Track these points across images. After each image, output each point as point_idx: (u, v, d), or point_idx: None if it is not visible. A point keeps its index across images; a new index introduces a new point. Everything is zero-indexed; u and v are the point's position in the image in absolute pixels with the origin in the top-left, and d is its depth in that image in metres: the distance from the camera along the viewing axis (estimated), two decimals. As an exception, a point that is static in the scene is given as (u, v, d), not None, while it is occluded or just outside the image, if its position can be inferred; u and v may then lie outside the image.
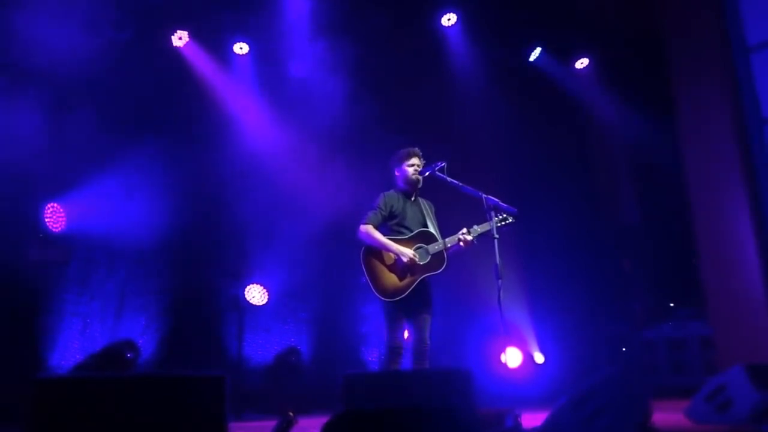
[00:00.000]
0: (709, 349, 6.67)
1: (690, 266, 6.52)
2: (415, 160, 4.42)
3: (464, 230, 4.24)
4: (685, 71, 6.21)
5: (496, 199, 4.14)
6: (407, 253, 4.15)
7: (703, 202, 5.97)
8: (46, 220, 6.16)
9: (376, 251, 4.23)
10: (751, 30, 5.69)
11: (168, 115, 6.72)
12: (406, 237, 4.28)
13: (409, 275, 4.16)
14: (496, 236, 4.08)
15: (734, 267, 5.62)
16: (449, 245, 4.24)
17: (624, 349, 7.88)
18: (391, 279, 4.16)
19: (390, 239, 4.25)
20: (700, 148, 6.02)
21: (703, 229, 5.96)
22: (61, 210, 6.26)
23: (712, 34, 5.93)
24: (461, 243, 4.22)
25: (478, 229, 4.24)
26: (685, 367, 7.08)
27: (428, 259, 4.20)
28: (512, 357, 7.33)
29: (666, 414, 4.31)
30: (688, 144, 6.14)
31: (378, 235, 4.23)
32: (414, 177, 4.39)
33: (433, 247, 4.23)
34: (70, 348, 6.17)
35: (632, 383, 2.82)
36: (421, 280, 4.18)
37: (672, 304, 7.73)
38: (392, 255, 4.19)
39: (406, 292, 4.12)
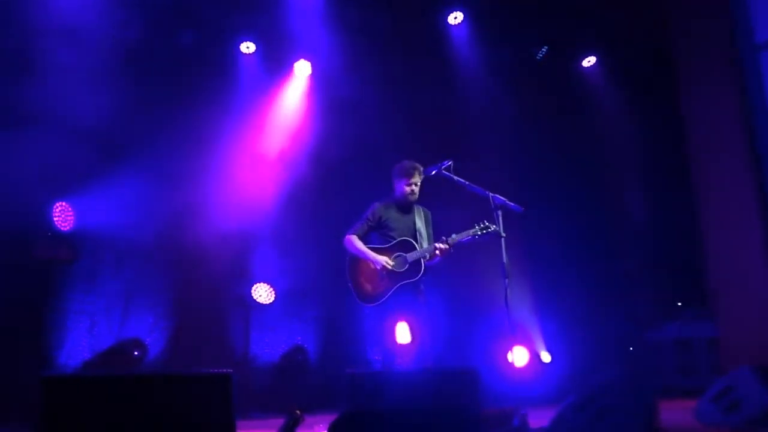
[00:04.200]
0: (715, 350, 6.63)
1: (697, 266, 6.49)
2: (415, 179, 4.57)
3: (443, 238, 4.42)
4: (692, 69, 6.17)
5: (503, 198, 4.17)
6: (380, 260, 4.39)
7: (710, 200, 5.94)
8: (55, 218, 6.19)
9: (357, 259, 4.50)
10: (760, 27, 5.64)
11: (176, 115, 6.73)
12: (388, 246, 4.49)
13: (386, 281, 4.37)
14: (503, 235, 4.13)
15: (742, 267, 5.58)
16: (427, 254, 4.41)
17: (631, 349, 7.85)
18: (369, 285, 4.42)
19: (376, 247, 4.50)
20: (708, 147, 5.98)
21: (710, 229, 5.92)
22: (70, 209, 6.29)
23: (719, 31, 5.89)
24: (437, 252, 4.36)
25: (455, 237, 4.40)
26: (691, 368, 7.05)
27: (405, 267, 4.39)
28: (519, 356, 7.31)
29: (673, 415, 4.29)
30: (695, 142, 6.10)
31: (358, 244, 4.49)
32: (411, 197, 4.58)
33: (412, 255, 4.41)
34: (78, 346, 6.20)
35: (639, 383, 2.81)
36: (405, 285, 4.36)
37: (679, 304, 7.70)
38: (370, 263, 4.43)
39: (384, 298, 4.35)
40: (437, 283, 5.11)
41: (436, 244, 4.37)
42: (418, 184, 4.56)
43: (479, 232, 4.32)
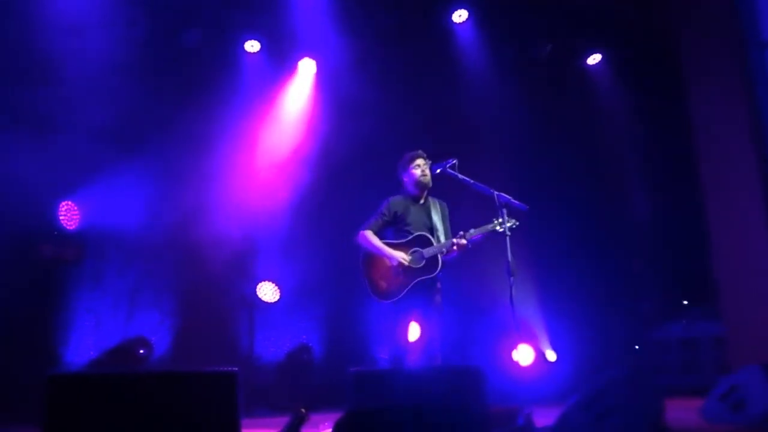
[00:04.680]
0: (721, 349, 6.61)
1: (703, 264, 6.46)
2: (420, 162, 4.47)
3: (460, 233, 4.29)
4: (697, 66, 6.15)
5: (508, 196, 4.15)
6: (396, 256, 4.26)
7: (716, 198, 5.92)
8: (61, 217, 6.21)
9: (372, 255, 4.36)
10: (766, 25, 5.62)
11: (182, 113, 6.75)
12: (404, 241, 4.37)
13: (402, 278, 4.25)
14: (508, 234, 4.09)
15: (748, 265, 5.57)
16: (444, 249, 4.28)
17: (636, 347, 7.83)
18: (385, 281, 4.29)
19: (391, 243, 4.37)
20: (714, 144, 5.96)
21: (716, 226, 5.90)
22: (76, 208, 6.31)
23: (725, 28, 5.87)
24: (455, 248, 4.26)
25: (473, 231, 4.28)
26: (697, 367, 7.03)
27: (423, 263, 4.27)
28: (524, 355, 7.30)
29: (679, 413, 4.28)
30: (701, 140, 6.08)
31: (373, 240, 4.36)
32: (423, 179, 4.44)
33: (429, 251, 4.29)
34: (84, 344, 6.23)
35: (644, 382, 2.80)
36: (422, 281, 4.24)
37: (685, 303, 7.68)
38: (386, 259, 4.30)
39: (401, 294, 4.23)
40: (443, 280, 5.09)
41: (454, 240, 4.25)
42: (424, 165, 4.44)
43: (497, 228, 4.18)
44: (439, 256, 4.27)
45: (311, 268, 7.21)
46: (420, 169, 4.44)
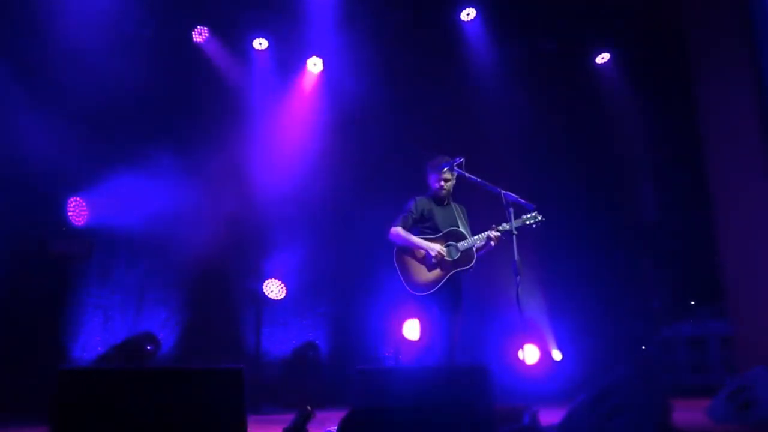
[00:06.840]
0: (729, 348, 6.59)
1: (710, 263, 6.44)
2: (445, 176, 4.48)
3: (493, 226, 4.31)
4: (706, 64, 6.12)
5: (515, 195, 4.16)
6: (435, 247, 4.28)
7: (723, 198, 5.89)
8: (69, 214, 6.25)
9: (406, 250, 4.36)
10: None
11: (191, 111, 6.77)
12: (436, 236, 4.39)
13: (438, 270, 4.27)
14: (515, 233, 4.11)
15: (756, 265, 5.54)
16: (478, 243, 4.30)
17: (643, 347, 7.80)
18: (421, 274, 4.29)
19: (425, 237, 4.38)
20: (722, 143, 5.93)
21: (724, 226, 5.88)
22: (84, 204, 6.35)
23: (734, 26, 5.84)
24: (492, 241, 4.28)
25: (506, 226, 4.28)
26: (704, 366, 7.01)
27: (457, 256, 4.30)
28: (530, 354, 7.29)
29: (686, 413, 4.27)
30: (710, 139, 6.06)
31: (407, 235, 4.37)
32: (443, 193, 4.50)
33: (462, 244, 4.31)
34: (92, 340, 6.28)
35: (651, 382, 2.80)
36: (452, 276, 4.27)
37: (693, 302, 7.65)
38: (422, 251, 4.31)
39: (437, 286, 4.24)
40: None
41: (491, 233, 4.29)
42: (448, 179, 4.49)
43: (527, 222, 4.29)
44: (473, 249, 4.31)
45: (318, 266, 7.22)
46: (440, 183, 4.48)
